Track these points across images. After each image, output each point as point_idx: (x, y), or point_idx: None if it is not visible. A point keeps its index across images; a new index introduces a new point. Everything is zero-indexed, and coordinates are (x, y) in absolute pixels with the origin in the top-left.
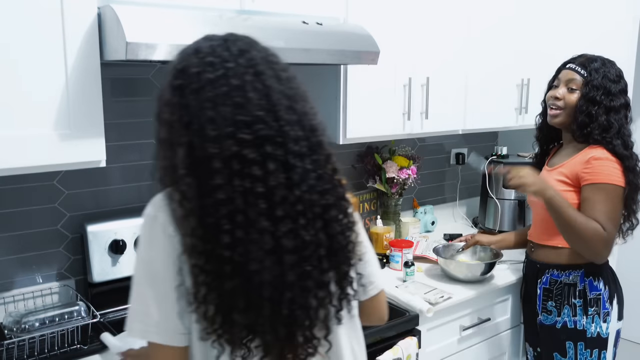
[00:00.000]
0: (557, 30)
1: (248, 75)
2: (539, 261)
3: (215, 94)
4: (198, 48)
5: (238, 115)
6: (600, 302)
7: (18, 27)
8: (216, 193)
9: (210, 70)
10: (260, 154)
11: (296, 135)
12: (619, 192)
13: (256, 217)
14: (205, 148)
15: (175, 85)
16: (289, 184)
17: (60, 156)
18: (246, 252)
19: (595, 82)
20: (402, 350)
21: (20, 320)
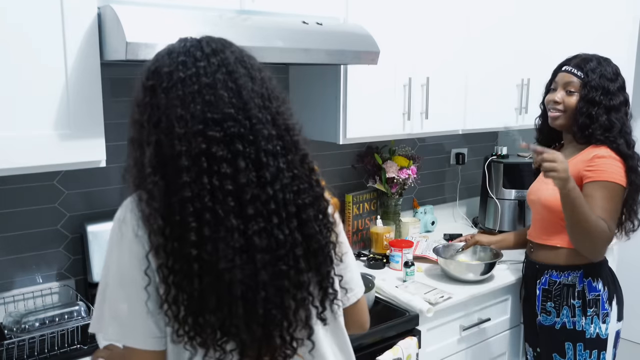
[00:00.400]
0: (557, 30)
1: (219, 73)
2: (538, 262)
3: (185, 92)
4: (171, 49)
5: (208, 112)
6: (599, 303)
7: (18, 27)
8: (183, 190)
9: (181, 69)
10: (230, 152)
11: (269, 133)
12: (620, 192)
13: (225, 214)
14: (173, 146)
15: (147, 85)
16: (260, 182)
17: (60, 156)
18: (215, 250)
19: (593, 83)
20: (402, 350)
21: (20, 320)
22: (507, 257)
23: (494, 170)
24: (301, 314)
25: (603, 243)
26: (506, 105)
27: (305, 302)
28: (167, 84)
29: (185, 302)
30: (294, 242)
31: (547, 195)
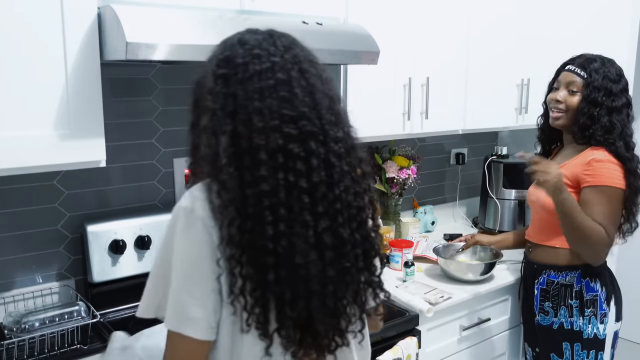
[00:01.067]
0: (557, 30)
1: (294, 71)
2: (537, 261)
3: (262, 85)
4: (243, 40)
5: (284, 109)
6: (597, 304)
7: (18, 27)
8: (260, 184)
9: (257, 62)
10: (304, 150)
11: (335, 135)
12: (619, 195)
13: (299, 211)
14: (251, 139)
15: (218, 74)
16: (329, 182)
17: (60, 156)
18: (290, 244)
19: (596, 84)
20: (402, 350)
21: (20, 320)
22: (507, 257)
23: (494, 170)
24: (356, 309)
25: (602, 248)
26: (506, 105)
27: (361, 298)
28: (243, 76)
29: (256, 294)
30: (354, 241)
31: (546, 197)
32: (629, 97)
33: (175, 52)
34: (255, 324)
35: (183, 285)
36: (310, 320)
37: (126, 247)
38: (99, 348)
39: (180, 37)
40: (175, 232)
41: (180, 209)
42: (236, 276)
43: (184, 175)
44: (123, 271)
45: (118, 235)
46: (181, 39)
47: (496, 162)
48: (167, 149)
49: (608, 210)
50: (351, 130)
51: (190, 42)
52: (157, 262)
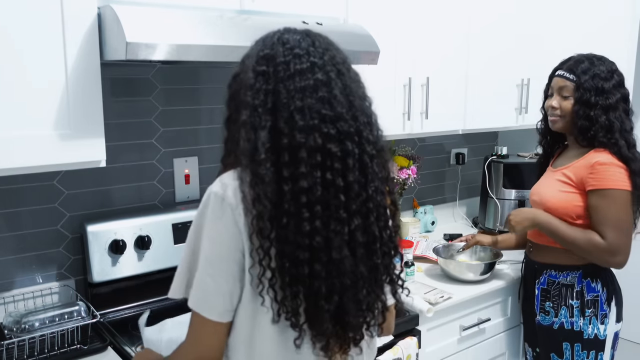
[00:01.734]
0: (556, 30)
1: (332, 72)
2: (537, 261)
3: (303, 85)
4: (283, 38)
5: (323, 109)
6: (597, 304)
7: (18, 28)
8: (299, 181)
9: (297, 62)
10: (341, 150)
11: (368, 137)
12: (626, 197)
13: (336, 208)
14: (293, 136)
15: (259, 70)
16: (362, 182)
17: (60, 156)
18: (326, 240)
19: (586, 85)
20: (402, 350)
21: (20, 320)
22: (507, 257)
23: (494, 170)
24: (379, 304)
25: (602, 254)
26: (506, 105)
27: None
28: (284, 74)
29: (289, 287)
30: (382, 239)
31: (547, 196)
32: (624, 92)
33: (175, 52)
34: (286, 314)
35: (207, 268)
36: (342, 313)
37: (126, 247)
38: (99, 348)
39: (180, 37)
40: (205, 216)
41: (212, 193)
42: (265, 268)
43: (184, 175)
44: (123, 271)
45: (118, 235)
46: (181, 39)
47: (496, 162)
48: (167, 149)
49: (612, 214)
50: (380, 133)
51: (190, 42)
52: (188, 244)
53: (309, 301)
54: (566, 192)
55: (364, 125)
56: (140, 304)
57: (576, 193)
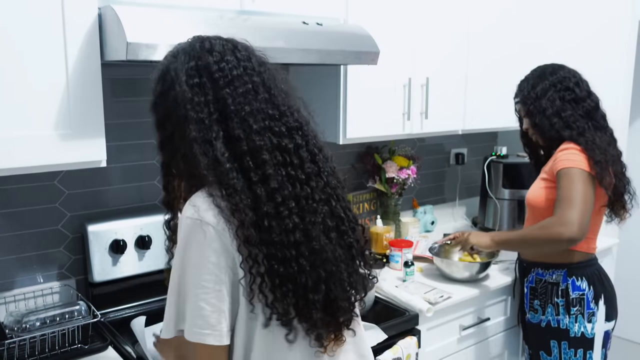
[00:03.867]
0: (556, 31)
1: (264, 74)
2: (526, 260)
3: (245, 89)
4: (206, 46)
5: (269, 109)
6: (584, 302)
7: (18, 28)
8: (269, 182)
9: (231, 68)
10: (294, 144)
11: (310, 131)
12: (579, 175)
13: (306, 200)
14: (252, 140)
15: (193, 83)
16: (316, 170)
17: (60, 156)
18: (304, 234)
19: (523, 99)
20: (402, 349)
21: (21, 320)
22: (507, 257)
23: (494, 170)
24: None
25: (555, 228)
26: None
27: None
28: (223, 82)
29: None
30: (348, 218)
31: (530, 194)
32: (552, 79)
33: None
34: (277, 316)
35: (199, 294)
36: (331, 300)
37: (127, 247)
38: (100, 347)
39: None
40: (188, 247)
41: (187, 219)
42: (254, 275)
43: None
44: (123, 271)
45: (118, 235)
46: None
47: (496, 162)
48: None
49: (563, 191)
50: (319, 130)
51: None
52: (173, 281)
53: (297, 297)
54: (545, 187)
55: (305, 123)
56: (141, 303)
57: (551, 187)
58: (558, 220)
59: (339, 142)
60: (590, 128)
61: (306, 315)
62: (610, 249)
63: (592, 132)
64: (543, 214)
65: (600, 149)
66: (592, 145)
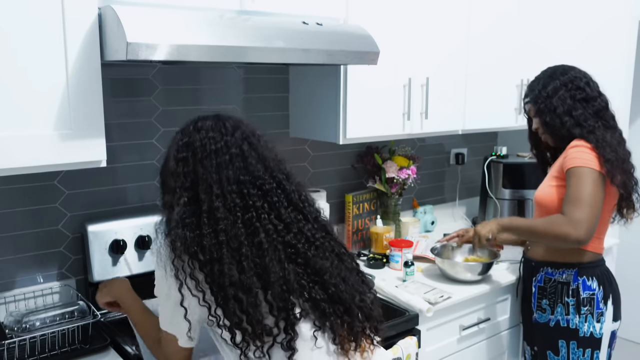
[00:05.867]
0: (556, 30)
1: (245, 146)
2: (534, 259)
3: (219, 161)
4: (198, 126)
5: (240, 175)
6: (594, 302)
7: (19, 28)
8: (218, 235)
9: (212, 143)
10: (267, 202)
11: (291, 188)
12: (590, 174)
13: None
14: (212, 201)
15: (179, 157)
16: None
17: (60, 156)
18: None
19: (535, 99)
20: (402, 349)
21: (21, 320)
22: (507, 257)
23: (494, 170)
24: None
25: (563, 227)
26: (506, 106)
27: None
28: (202, 155)
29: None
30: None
31: (539, 192)
32: (563, 79)
33: (175, 52)
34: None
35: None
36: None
37: (126, 247)
38: (100, 347)
39: (180, 37)
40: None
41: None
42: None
43: None
44: (123, 271)
45: (118, 235)
46: (181, 39)
47: (496, 162)
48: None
49: (573, 190)
50: (298, 183)
51: (190, 42)
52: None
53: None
54: (554, 185)
55: (283, 181)
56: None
57: (562, 186)
58: (567, 220)
59: (339, 142)
60: (600, 127)
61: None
62: (611, 249)
63: (602, 130)
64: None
65: (611, 147)
66: (603, 143)
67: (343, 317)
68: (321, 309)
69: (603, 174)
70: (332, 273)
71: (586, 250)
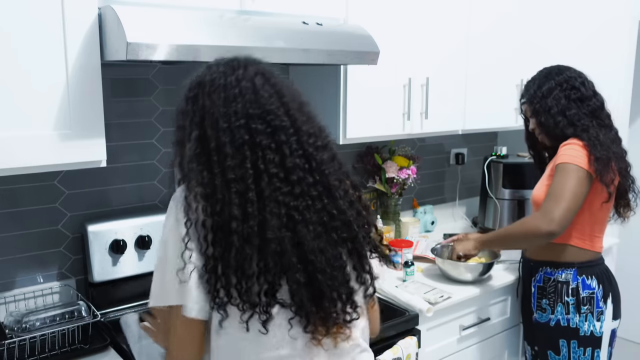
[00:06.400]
0: (556, 30)
1: (257, 79)
2: (533, 259)
3: (228, 94)
4: (210, 65)
5: (250, 109)
6: (593, 301)
7: (19, 28)
8: (227, 173)
9: (222, 77)
10: (274, 141)
11: (308, 130)
12: (578, 173)
13: (272, 193)
14: (218, 137)
15: (189, 96)
16: (306, 168)
17: (61, 156)
18: (261, 223)
19: (530, 99)
20: (402, 349)
21: (21, 320)
22: (506, 257)
23: (494, 170)
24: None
25: (535, 220)
26: (506, 106)
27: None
28: (209, 89)
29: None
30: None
31: (535, 191)
32: (558, 79)
33: (175, 52)
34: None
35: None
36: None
37: (127, 247)
38: (100, 347)
39: (180, 37)
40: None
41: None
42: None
43: None
44: (124, 271)
45: (118, 235)
46: (181, 40)
47: (496, 162)
48: (168, 149)
49: (555, 186)
50: (324, 129)
51: (190, 42)
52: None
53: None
54: (547, 184)
55: (301, 122)
56: (141, 303)
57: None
58: (540, 214)
59: (339, 142)
60: (594, 126)
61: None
62: (611, 248)
63: (596, 129)
64: None
65: (603, 145)
66: (595, 142)
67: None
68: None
69: (590, 172)
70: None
71: (585, 249)
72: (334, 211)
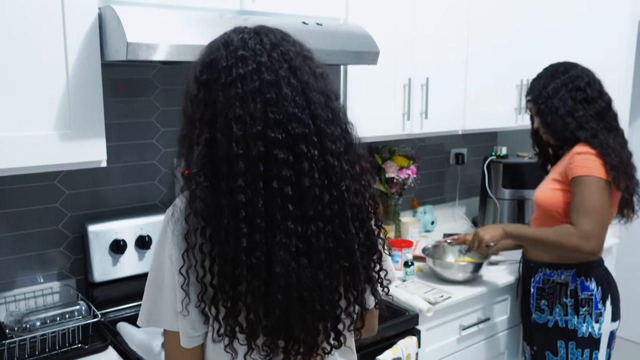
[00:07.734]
0: (556, 30)
1: (282, 70)
2: (533, 260)
3: (245, 90)
4: (228, 41)
5: (270, 112)
6: (592, 303)
7: (19, 29)
8: (237, 195)
9: (241, 65)
10: (292, 154)
11: (332, 133)
12: (599, 183)
13: (282, 219)
14: (230, 147)
15: (201, 80)
16: (324, 185)
17: (61, 156)
18: (269, 255)
19: (535, 99)
20: (402, 349)
21: (22, 320)
22: (506, 257)
23: (494, 170)
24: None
25: (574, 239)
26: (505, 106)
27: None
28: (225, 80)
29: (227, 304)
30: (358, 240)
31: (539, 194)
32: (564, 79)
33: (175, 52)
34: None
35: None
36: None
37: (127, 247)
38: (100, 347)
39: (180, 37)
40: (157, 239)
41: (164, 216)
42: (205, 285)
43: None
44: (124, 271)
45: (119, 235)
46: (181, 40)
47: (495, 162)
48: (168, 149)
49: (582, 200)
50: (349, 127)
51: (190, 42)
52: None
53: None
54: (555, 189)
55: (326, 122)
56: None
57: (565, 190)
58: (578, 232)
59: None
60: (602, 130)
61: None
62: (611, 249)
63: (604, 133)
64: (555, 216)
65: (615, 151)
66: (608, 149)
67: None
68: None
69: (609, 181)
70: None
71: None
72: (342, 235)
